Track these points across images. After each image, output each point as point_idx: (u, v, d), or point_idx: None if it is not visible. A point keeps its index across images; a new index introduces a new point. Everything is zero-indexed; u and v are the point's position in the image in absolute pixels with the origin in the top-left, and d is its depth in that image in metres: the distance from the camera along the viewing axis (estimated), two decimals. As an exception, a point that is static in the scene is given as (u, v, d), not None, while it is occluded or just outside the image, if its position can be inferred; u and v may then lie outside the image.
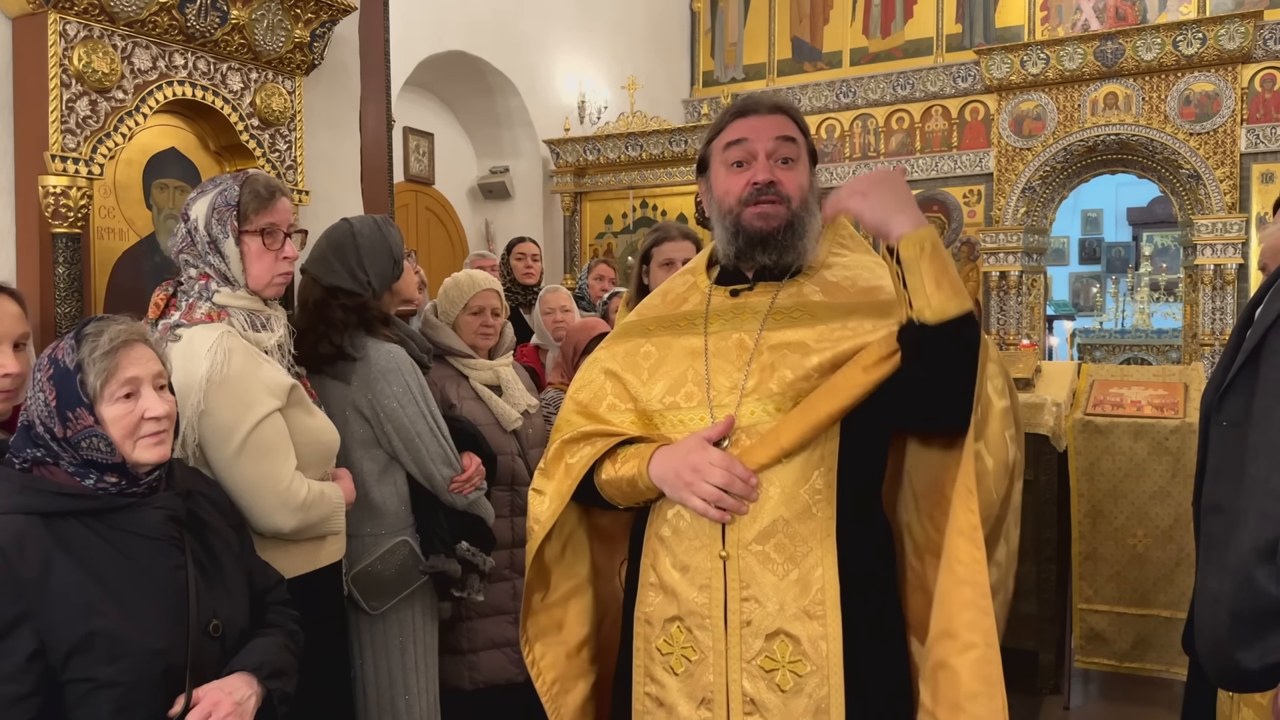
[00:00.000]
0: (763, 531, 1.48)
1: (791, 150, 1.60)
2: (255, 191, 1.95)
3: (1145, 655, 3.67)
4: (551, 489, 1.66)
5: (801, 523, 1.48)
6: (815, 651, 1.46)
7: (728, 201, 1.60)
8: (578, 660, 1.73)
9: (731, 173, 1.61)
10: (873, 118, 9.00)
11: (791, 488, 1.48)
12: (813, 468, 1.49)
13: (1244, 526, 1.42)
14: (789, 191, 1.57)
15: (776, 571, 1.48)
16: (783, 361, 1.53)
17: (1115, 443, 3.63)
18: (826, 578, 1.47)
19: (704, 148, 1.68)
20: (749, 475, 1.47)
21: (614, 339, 1.77)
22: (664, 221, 5.84)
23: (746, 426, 1.51)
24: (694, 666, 1.53)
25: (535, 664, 1.73)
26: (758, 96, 1.66)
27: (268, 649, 1.61)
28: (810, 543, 1.48)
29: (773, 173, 1.57)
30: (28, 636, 1.37)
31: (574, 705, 1.72)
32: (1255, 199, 7.56)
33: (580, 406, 1.69)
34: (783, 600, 1.47)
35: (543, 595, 1.76)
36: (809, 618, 1.47)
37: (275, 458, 1.88)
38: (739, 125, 1.61)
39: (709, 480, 1.46)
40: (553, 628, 1.75)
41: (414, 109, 7.30)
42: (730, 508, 1.47)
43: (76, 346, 1.49)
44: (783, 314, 1.58)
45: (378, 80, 3.48)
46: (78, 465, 1.48)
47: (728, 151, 1.61)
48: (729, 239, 1.61)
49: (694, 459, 1.48)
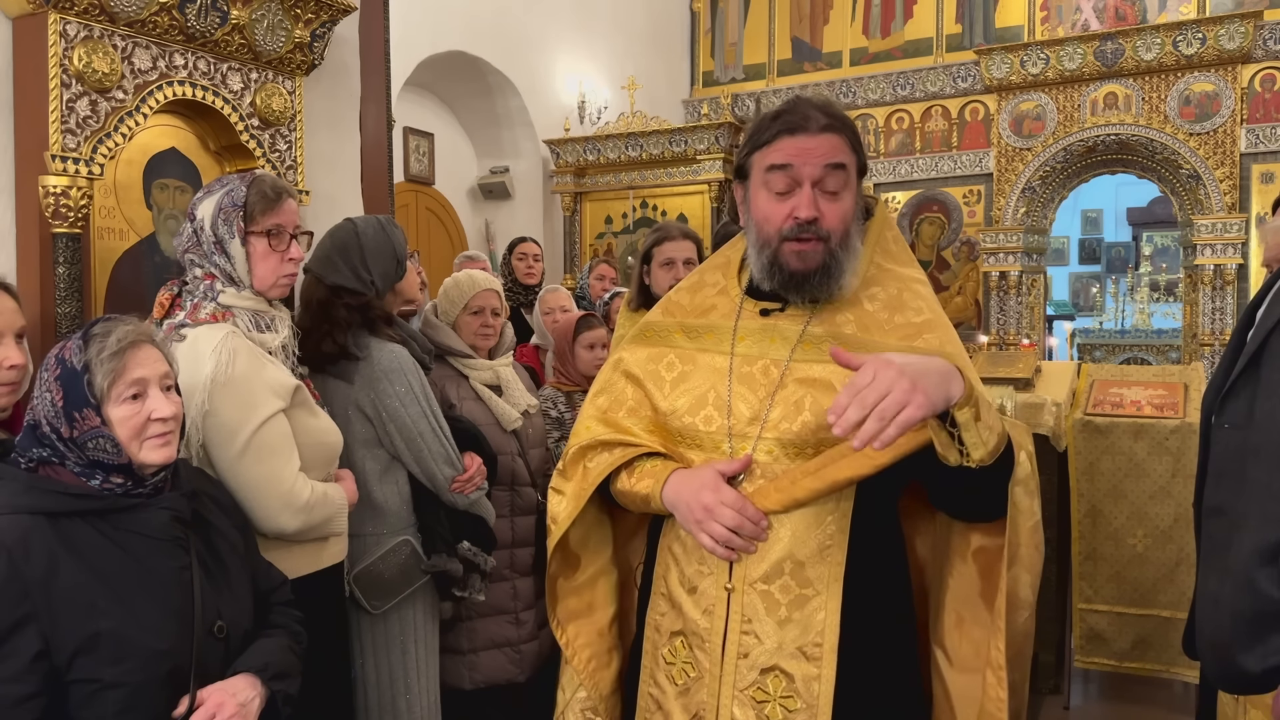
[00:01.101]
0: (769, 571, 1.48)
1: (839, 179, 1.49)
2: (262, 192, 1.95)
3: (1145, 655, 3.67)
4: (570, 489, 1.68)
5: (811, 566, 1.48)
6: (807, 691, 1.47)
7: (766, 230, 1.52)
8: (609, 636, 1.76)
9: (773, 199, 1.51)
10: (873, 118, 9.00)
11: (803, 532, 1.48)
12: (826, 514, 1.48)
13: (1245, 529, 1.42)
14: (830, 226, 1.49)
15: (778, 613, 1.48)
16: (806, 401, 1.49)
17: (1115, 443, 3.63)
18: (828, 622, 1.47)
19: (745, 154, 1.57)
20: (760, 518, 1.46)
21: (637, 339, 1.73)
22: (665, 221, 5.84)
23: (764, 464, 1.50)
24: (691, 683, 1.55)
25: (570, 644, 1.74)
26: (807, 106, 1.51)
27: (272, 650, 1.61)
28: (817, 586, 1.48)
29: (816, 207, 1.48)
30: (33, 637, 1.37)
31: (610, 679, 1.73)
32: (1255, 199, 7.55)
33: (600, 412, 1.69)
34: (782, 639, 1.48)
35: (569, 579, 1.77)
36: (806, 658, 1.47)
37: (279, 459, 1.88)
38: (786, 146, 1.49)
39: (720, 521, 1.46)
40: (583, 609, 1.76)
41: (414, 109, 7.30)
42: (739, 548, 1.48)
43: (84, 347, 1.48)
44: (813, 344, 1.52)
45: (378, 80, 3.48)
46: (84, 466, 1.48)
47: (770, 175, 1.50)
48: (765, 273, 1.54)
49: (705, 498, 1.46)
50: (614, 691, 1.73)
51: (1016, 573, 1.47)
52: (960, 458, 1.34)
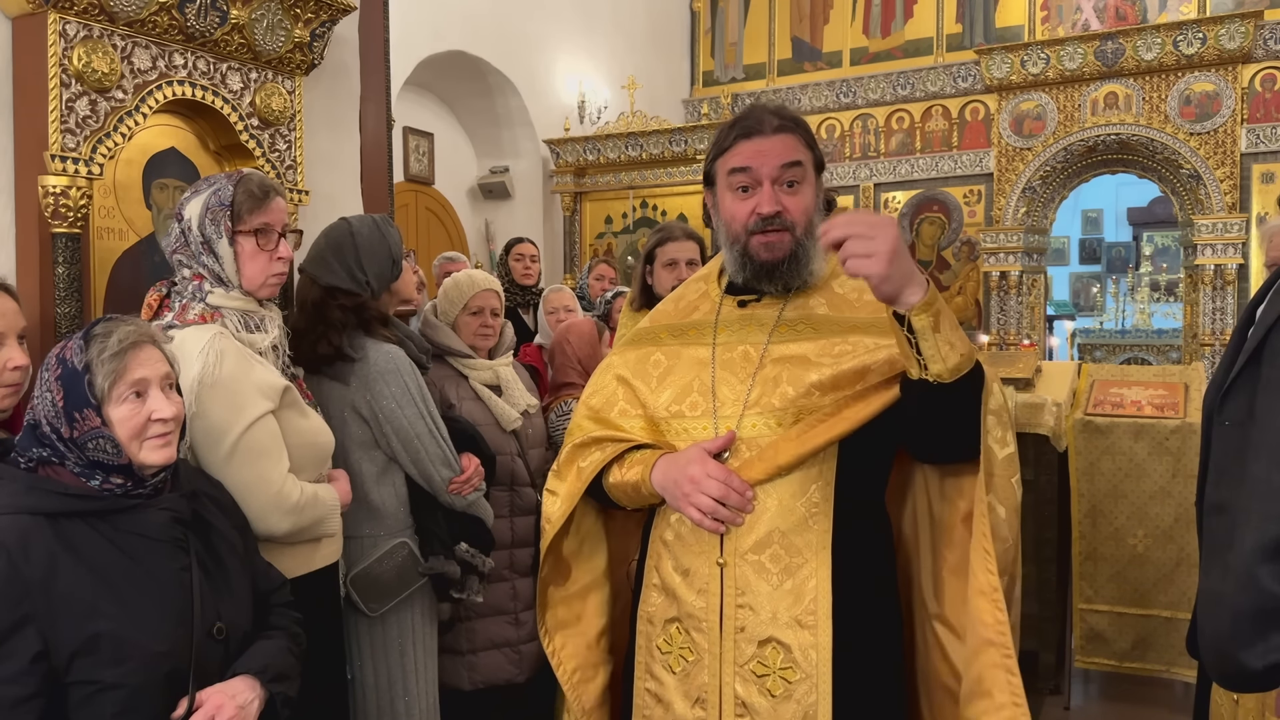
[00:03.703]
0: (758, 542, 1.52)
1: (797, 173, 1.60)
2: (249, 191, 1.94)
3: (1145, 655, 3.66)
4: (564, 490, 1.72)
5: (797, 534, 1.52)
6: (805, 660, 1.50)
7: (734, 228, 1.62)
8: (597, 650, 1.78)
9: (737, 198, 1.62)
10: (873, 118, 8.99)
11: (788, 501, 1.52)
12: (810, 482, 1.52)
13: (1246, 526, 1.42)
14: (794, 218, 1.59)
15: (771, 581, 1.52)
16: (784, 376, 1.56)
17: (1115, 443, 3.62)
18: (820, 589, 1.51)
19: (709, 162, 1.68)
20: (745, 488, 1.51)
21: (627, 345, 1.80)
22: (667, 222, 5.84)
23: (748, 439, 1.55)
24: (690, 667, 1.57)
25: (556, 654, 1.76)
26: (761, 112, 1.63)
27: (271, 652, 1.61)
28: (805, 554, 1.52)
29: (777, 201, 1.58)
30: (32, 638, 1.37)
31: (595, 693, 1.75)
32: (1255, 199, 7.55)
33: (592, 412, 1.74)
34: (775, 609, 1.51)
35: (560, 587, 1.79)
36: (801, 627, 1.50)
37: (267, 460, 1.86)
38: (743, 150, 1.60)
39: (705, 492, 1.50)
40: (572, 619, 1.78)
41: (414, 109, 7.29)
42: (725, 519, 1.52)
43: (85, 347, 1.48)
44: (788, 327, 1.61)
45: (378, 80, 3.47)
46: (84, 466, 1.47)
47: (732, 177, 1.61)
48: (737, 266, 1.65)
49: (692, 471, 1.52)
50: (600, 705, 1.75)
51: (992, 502, 1.48)
52: (919, 369, 1.39)
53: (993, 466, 1.49)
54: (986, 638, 1.45)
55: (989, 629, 1.45)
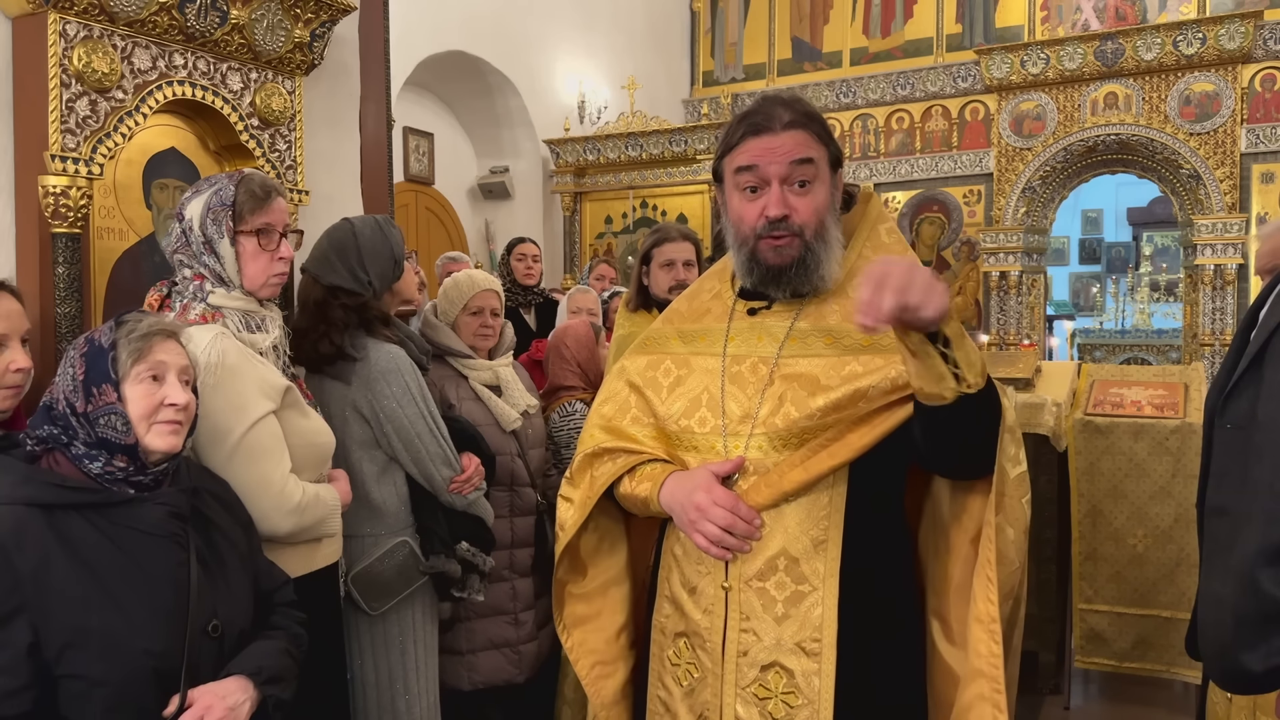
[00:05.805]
0: (763, 568, 1.50)
1: (808, 172, 1.51)
2: (251, 191, 1.93)
3: (1145, 655, 3.66)
4: (578, 497, 1.71)
5: (805, 562, 1.49)
6: (808, 686, 1.48)
7: (742, 230, 1.56)
8: (616, 645, 1.75)
9: (745, 198, 1.55)
10: (873, 118, 8.99)
11: (795, 528, 1.49)
12: (820, 509, 1.49)
13: (1248, 529, 1.42)
14: (803, 221, 1.51)
15: (775, 609, 1.49)
16: (791, 396, 1.51)
17: (1115, 443, 3.62)
18: (826, 617, 1.48)
19: (717, 159, 1.61)
20: (752, 516, 1.48)
21: (639, 348, 1.77)
22: (664, 222, 5.84)
23: (756, 460, 1.51)
24: (695, 683, 1.56)
25: (574, 650, 1.74)
26: (771, 107, 1.54)
27: (267, 653, 1.60)
28: (813, 581, 1.49)
29: (785, 203, 1.50)
30: (24, 629, 1.37)
31: (613, 689, 1.73)
32: (1255, 199, 7.56)
33: (605, 420, 1.72)
34: (780, 635, 1.49)
35: (578, 584, 1.78)
36: (805, 654, 1.48)
37: (269, 460, 1.86)
38: (752, 147, 1.52)
39: (712, 520, 1.47)
40: (591, 615, 1.76)
41: (414, 109, 7.29)
42: (732, 547, 1.49)
43: (115, 329, 1.55)
44: (799, 339, 1.55)
45: (378, 80, 3.47)
46: (91, 444, 1.48)
47: (740, 176, 1.54)
48: (746, 269, 1.58)
49: (698, 498, 1.49)
50: (617, 701, 1.73)
51: (1001, 524, 1.45)
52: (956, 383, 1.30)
53: (1004, 486, 1.45)
54: (978, 668, 1.42)
55: (982, 659, 1.42)
